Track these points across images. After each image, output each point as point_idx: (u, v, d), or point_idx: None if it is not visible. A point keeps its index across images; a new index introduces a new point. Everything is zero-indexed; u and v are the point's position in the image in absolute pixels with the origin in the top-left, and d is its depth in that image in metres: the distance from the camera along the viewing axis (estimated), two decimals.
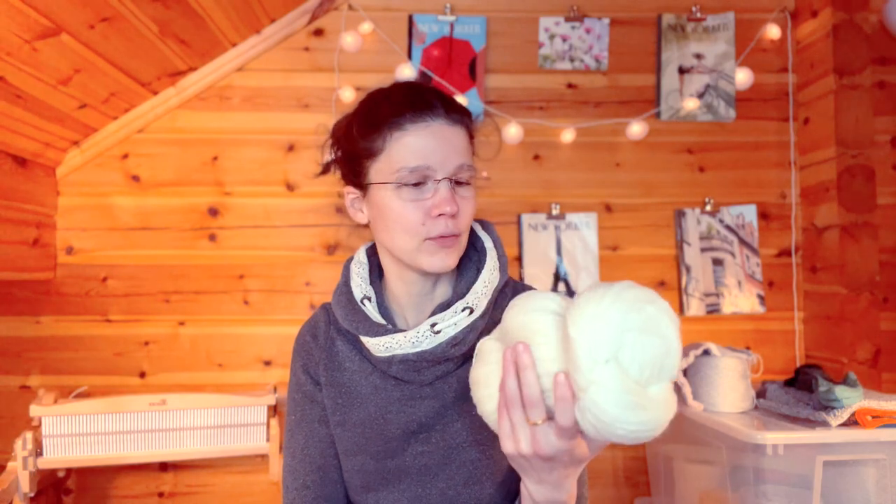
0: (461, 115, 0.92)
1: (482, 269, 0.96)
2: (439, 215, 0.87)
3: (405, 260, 0.92)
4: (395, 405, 0.95)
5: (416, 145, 0.88)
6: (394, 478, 0.95)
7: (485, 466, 0.93)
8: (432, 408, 0.94)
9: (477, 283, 0.94)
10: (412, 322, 0.97)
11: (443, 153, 0.88)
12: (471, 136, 0.95)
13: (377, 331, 0.92)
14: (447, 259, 0.89)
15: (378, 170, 0.91)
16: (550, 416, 0.69)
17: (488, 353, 0.76)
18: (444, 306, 0.92)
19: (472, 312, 0.91)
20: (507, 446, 0.71)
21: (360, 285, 0.99)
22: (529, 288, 1.03)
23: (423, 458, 0.94)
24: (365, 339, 0.94)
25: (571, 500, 0.78)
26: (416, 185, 0.88)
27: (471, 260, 0.99)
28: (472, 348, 0.92)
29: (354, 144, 0.94)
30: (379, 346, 0.92)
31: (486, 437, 0.93)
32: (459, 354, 0.92)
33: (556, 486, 0.74)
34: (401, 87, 0.95)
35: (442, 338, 0.90)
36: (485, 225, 1.03)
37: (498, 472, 0.94)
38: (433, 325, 0.90)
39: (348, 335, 1.00)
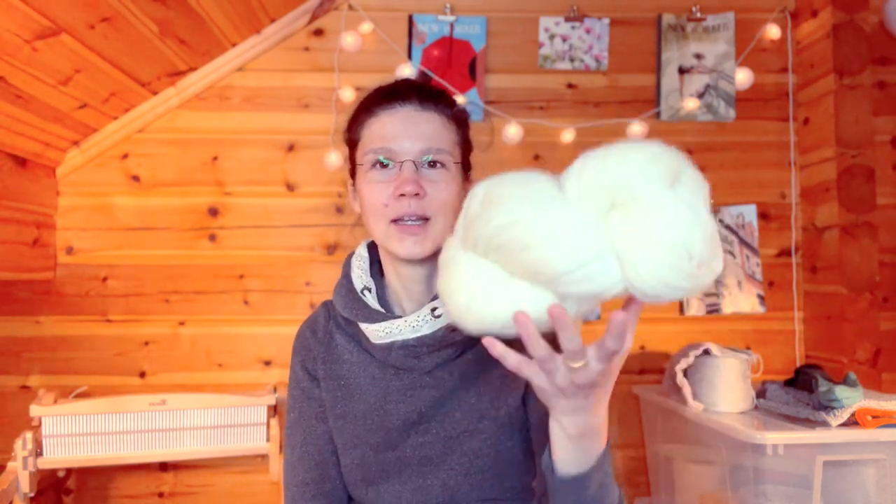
0: (437, 102, 0.94)
1: None
2: (401, 196, 0.89)
3: (381, 244, 0.96)
4: (394, 395, 0.95)
5: (381, 129, 0.92)
6: (394, 470, 0.95)
7: (486, 456, 0.93)
8: (432, 397, 0.94)
9: None
10: (409, 311, 0.98)
11: (407, 136, 0.90)
12: (457, 124, 0.96)
13: (377, 317, 0.93)
14: (415, 246, 0.90)
15: (357, 157, 0.96)
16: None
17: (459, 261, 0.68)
18: None
19: None
20: (539, 381, 0.67)
21: (361, 276, 1.01)
22: None
23: (423, 449, 0.94)
24: (364, 326, 0.95)
25: (605, 424, 0.74)
26: (383, 166, 0.91)
27: None
28: (472, 336, 0.92)
29: (347, 137, 1.00)
30: (379, 331, 0.93)
31: (488, 427, 0.94)
32: (459, 340, 0.92)
33: (591, 410, 0.69)
34: (382, 85, 0.99)
35: (442, 322, 0.91)
36: None
37: (500, 462, 0.94)
38: (434, 310, 0.91)
39: (347, 329, 1.01)
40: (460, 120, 0.97)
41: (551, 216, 0.60)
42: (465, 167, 0.98)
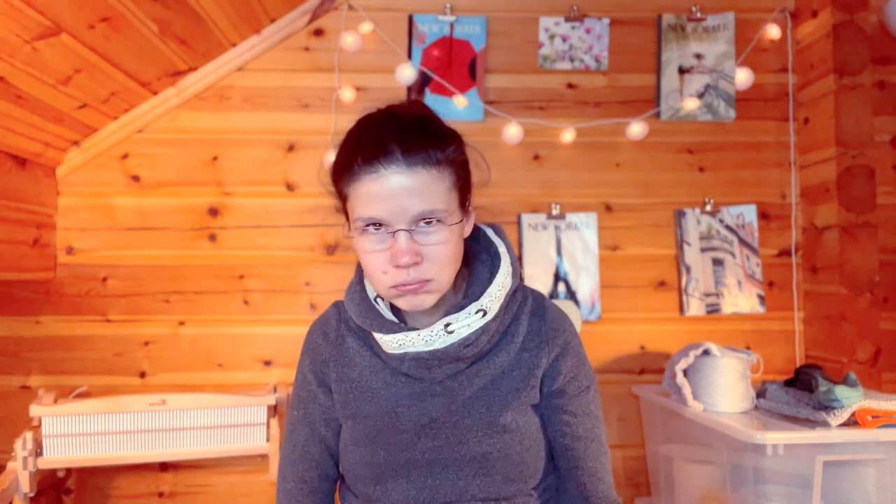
0: (425, 152, 0.85)
1: (495, 272, 0.97)
2: (397, 266, 0.87)
3: (385, 299, 0.95)
4: (405, 400, 0.96)
5: (367, 197, 0.86)
6: (403, 470, 0.96)
7: (495, 460, 0.94)
8: (443, 405, 0.95)
9: (492, 286, 0.95)
10: (420, 324, 0.98)
11: (397, 204, 0.84)
12: (452, 165, 0.89)
13: (391, 328, 0.94)
14: (416, 301, 0.90)
15: (349, 213, 0.92)
16: None
17: None
18: (458, 307, 0.93)
19: (485, 315, 0.93)
20: None
21: None
22: (539, 294, 1.05)
23: (433, 452, 0.95)
24: (378, 336, 0.95)
25: None
26: (377, 229, 0.87)
27: (483, 264, 1.00)
28: (484, 349, 0.94)
29: (333, 183, 0.94)
30: (392, 343, 0.93)
31: (497, 431, 0.94)
32: (471, 355, 0.93)
33: None
34: (363, 127, 0.91)
35: (455, 338, 0.91)
36: (496, 229, 1.05)
37: (509, 466, 0.95)
38: (447, 326, 0.91)
39: (359, 332, 1.02)
40: (455, 160, 0.90)
41: None
42: (464, 200, 0.94)
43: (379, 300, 0.99)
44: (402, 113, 0.92)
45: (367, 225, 0.87)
